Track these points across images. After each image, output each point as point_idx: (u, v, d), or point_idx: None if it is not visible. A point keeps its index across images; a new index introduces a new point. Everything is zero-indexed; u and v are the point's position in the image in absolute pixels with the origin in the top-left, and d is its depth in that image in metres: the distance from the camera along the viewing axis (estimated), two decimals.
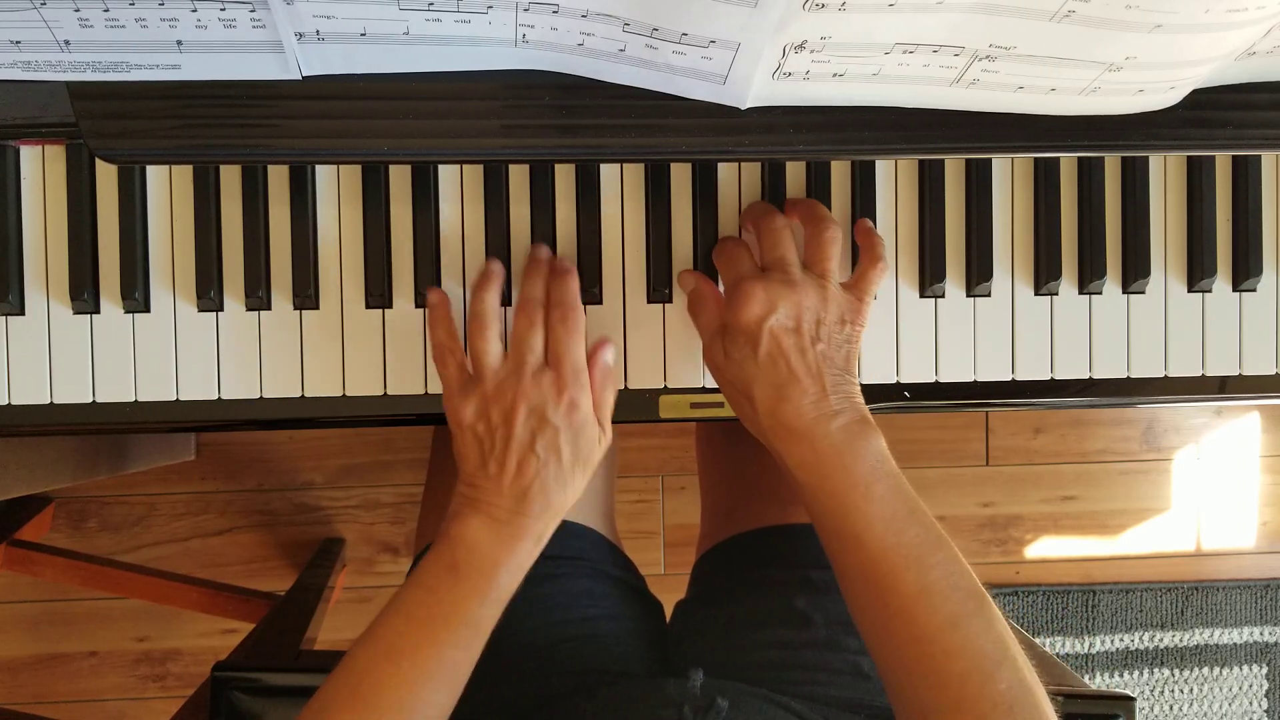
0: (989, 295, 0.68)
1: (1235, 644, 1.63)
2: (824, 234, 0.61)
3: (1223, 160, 0.69)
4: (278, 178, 0.65)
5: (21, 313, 0.64)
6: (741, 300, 0.59)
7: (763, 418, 0.59)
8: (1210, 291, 0.69)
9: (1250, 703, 1.64)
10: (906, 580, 0.54)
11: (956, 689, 0.52)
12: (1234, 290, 0.69)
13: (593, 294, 0.66)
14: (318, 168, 0.65)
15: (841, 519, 0.56)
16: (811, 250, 0.62)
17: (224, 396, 0.65)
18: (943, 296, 0.68)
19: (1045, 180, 0.68)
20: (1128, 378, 0.69)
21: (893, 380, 0.68)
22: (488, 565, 0.58)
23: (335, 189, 0.65)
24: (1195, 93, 0.59)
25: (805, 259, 0.62)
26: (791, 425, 0.58)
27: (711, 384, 0.67)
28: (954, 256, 0.68)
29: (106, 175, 0.64)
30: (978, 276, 0.68)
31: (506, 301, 0.65)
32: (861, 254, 0.64)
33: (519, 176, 0.66)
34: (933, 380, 0.68)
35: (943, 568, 0.54)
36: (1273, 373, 0.70)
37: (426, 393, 0.66)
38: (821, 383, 0.58)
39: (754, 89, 0.56)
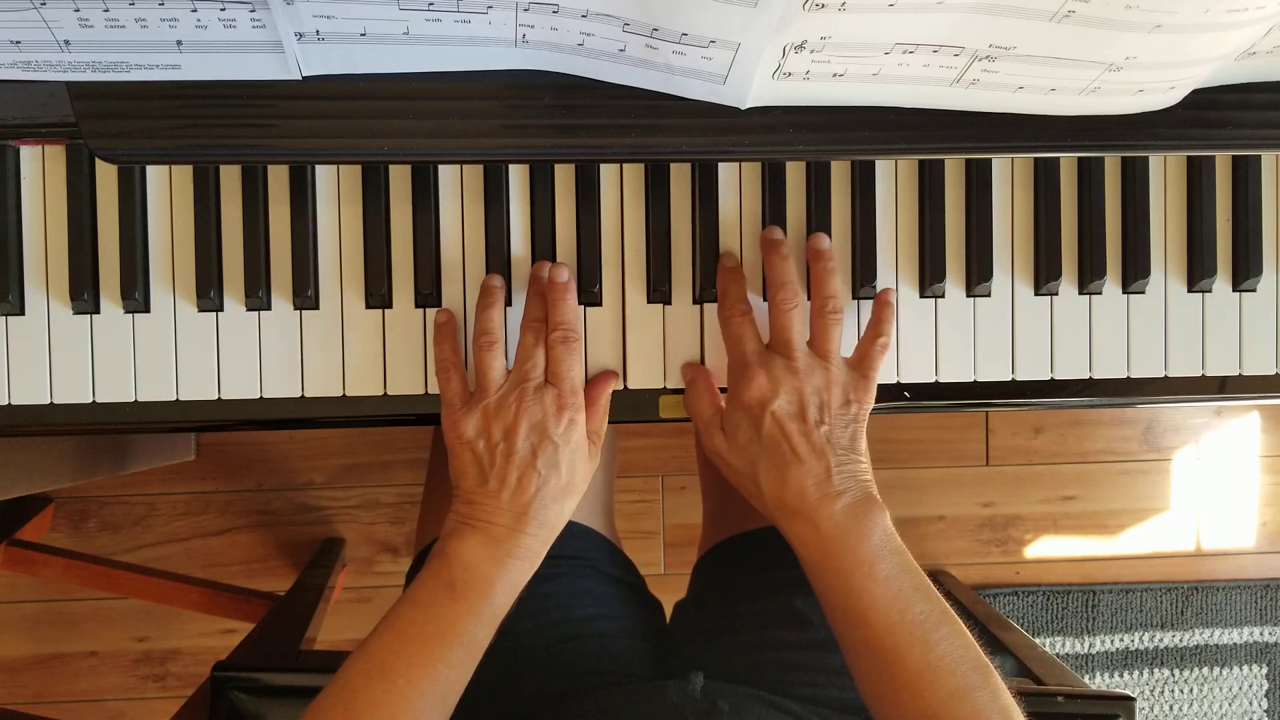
0: (989, 295, 0.68)
1: (1235, 644, 1.63)
2: (827, 316, 0.62)
3: (1223, 160, 0.69)
4: (278, 178, 0.65)
5: (21, 313, 0.64)
6: (745, 384, 0.60)
7: (768, 499, 0.60)
8: (1210, 291, 0.69)
9: (1250, 703, 1.64)
10: (912, 655, 0.55)
11: None
12: (1234, 290, 0.69)
13: (593, 294, 0.66)
14: (318, 168, 0.65)
15: (846, 597, 0.57)
16: (815, 331, 0.62)
17: (224, 396, 0.65)
18: (943, 296, 0.68)
19: (1045, 180, 0.68)
20: (1128, 378, 0.69)
21: (893, 380, 0.68)
22: (483, 584, 0.58)
23: (335, 189, 0.65)
24: (1195, 93, 0.59)
25: (810, 339, 0.62)
26: (794, 506, 0.59)
27: None
28: (954, 256, 0.68)
29: (106, 175, 0.64)
30: (978, 276, 0.67)
31: (507, 302, 0.65)
32: (867, 326, 0.65)
33: (519, 176, 0.66)
34: (933, 380, 0.68)
35: (948, 642, 0.55)
36: (1273, 373, 0.69)
37: (426, 393, 0.66)
38: (826, 463, 0.59)
39: (754, 89, 0.56)
